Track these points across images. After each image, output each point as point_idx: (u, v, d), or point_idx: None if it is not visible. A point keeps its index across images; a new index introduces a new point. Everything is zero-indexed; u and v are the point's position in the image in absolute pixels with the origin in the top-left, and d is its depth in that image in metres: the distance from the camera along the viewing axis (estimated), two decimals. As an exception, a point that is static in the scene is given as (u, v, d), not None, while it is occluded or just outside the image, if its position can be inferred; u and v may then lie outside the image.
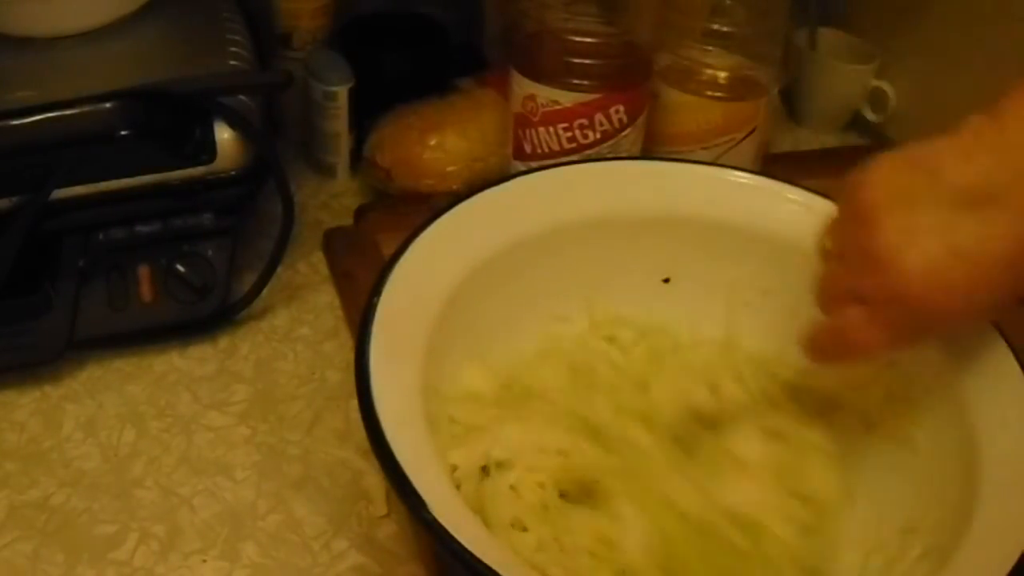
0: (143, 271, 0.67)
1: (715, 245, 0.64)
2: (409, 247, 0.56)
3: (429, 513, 0.43)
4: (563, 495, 0.55)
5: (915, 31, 0.94)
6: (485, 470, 0.54)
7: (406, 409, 0.49)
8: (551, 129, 0.74)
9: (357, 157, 0.85)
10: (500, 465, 0.55)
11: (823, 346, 0.53)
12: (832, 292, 0.51)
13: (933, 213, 0.46)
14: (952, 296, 0.46)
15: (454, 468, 0.54)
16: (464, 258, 0.58)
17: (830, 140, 0.97)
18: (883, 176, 0.48)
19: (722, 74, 0.79)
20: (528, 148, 0.75)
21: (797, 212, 0.62)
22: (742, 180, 0.65)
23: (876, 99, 0.95)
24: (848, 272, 0.50)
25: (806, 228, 0.56)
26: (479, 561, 0.42)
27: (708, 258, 0.64)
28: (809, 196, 0.63)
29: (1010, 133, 0.46)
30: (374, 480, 0.62)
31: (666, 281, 0.65)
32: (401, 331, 0.52)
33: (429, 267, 0.56)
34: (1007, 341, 0.54)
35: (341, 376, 0.69)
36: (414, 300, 0.55)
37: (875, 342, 0.49)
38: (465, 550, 0.42)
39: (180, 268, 0.68)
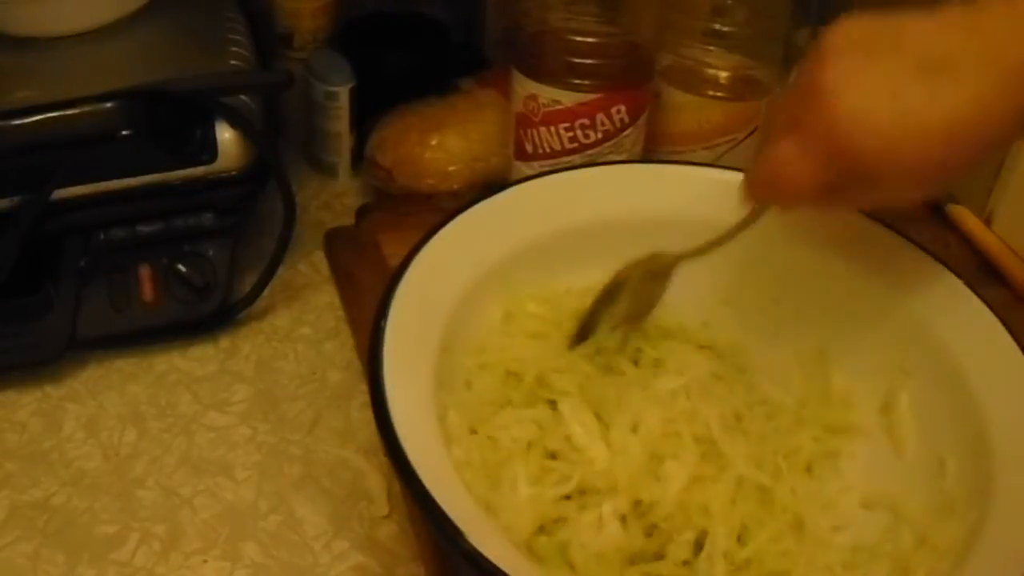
0: (144, 271, 0.67)
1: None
2: (409, 265, 0.56)
3: (468, 542, 0.44)
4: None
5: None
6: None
7: (426, 433, 0.49)
8: (552, 129, 0.73)
9: (358, 157, 0.85)
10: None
11: (755, 179, 0.53)
12: (774, 125, 0.52)
13: (886, 67, 0.46)
14: (880, 142, 0.46)
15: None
16: (467, 270, 0.59)
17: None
18: (849, 25, 0.48)
19: (723, 74, 0.79)
20: (529, 148, 0.75)
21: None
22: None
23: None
24: (791, 103, 0.50)
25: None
26: None
27: (706, 258, 0.64)
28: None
29: (987, 17, 0.46)
30: (375, 480, 0.62)
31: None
32: (411, 352, 0.53)
33: (431, 283, 0.56)
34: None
35: (342, 376, 0.69)
36: (420, 319, 0.55)
37: (801, 176, 0.49)
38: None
39: (181, 268, 0.68)
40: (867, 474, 0.59)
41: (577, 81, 0.72)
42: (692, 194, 0.64)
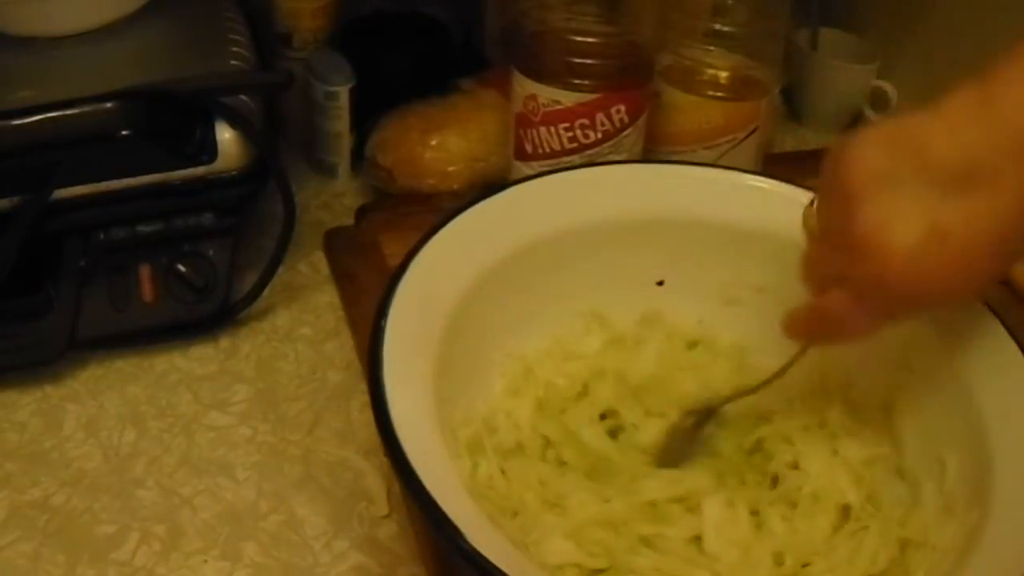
0: (144, 271, 0.67)
1: (711, 245, 0.64)
2: (409, 265, 0.56)
3: (467, 542, 0.43)
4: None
5: (916, 31, 0.94)
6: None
7: (427, 436, 0.49)
8: (552, 129, 0.73)
9: (358, 157, 0.85)
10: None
11: (808, 328, 0.53)
12: (816, 273, 0.51)
13: (916, 194, 0.45)
14: (936, 280, 0.46)
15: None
16: (464, 273, 0.58)
17: (832, 140, 0.96)
18: (865, 153, 0.46)
19: (723, 74, 0.79)
20: (529, 148, 0.75)
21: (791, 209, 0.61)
22: (743, 181, 0.65)
23: (877, 99, 0.95)
24: (831, 253, 0.49)
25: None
26: None
27: (704, 258, 0.64)
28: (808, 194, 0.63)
29: (997, 105, 0.44)
30: (375, 480, 0.62)
31: (660, 283, 0.65)
32: (410, 352, 0.52)
33: (431, 285, 0.56)
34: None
35: (342, 376, 0.69)
36: (420, 319, 0.54)
37: (858, 326, 0.49)
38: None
39: (181, 268, 0.68)
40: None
41: (577, 81, 0.72)
42: (691, 194, 0.64)
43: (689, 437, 0.60)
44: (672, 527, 0.55)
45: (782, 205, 0.62)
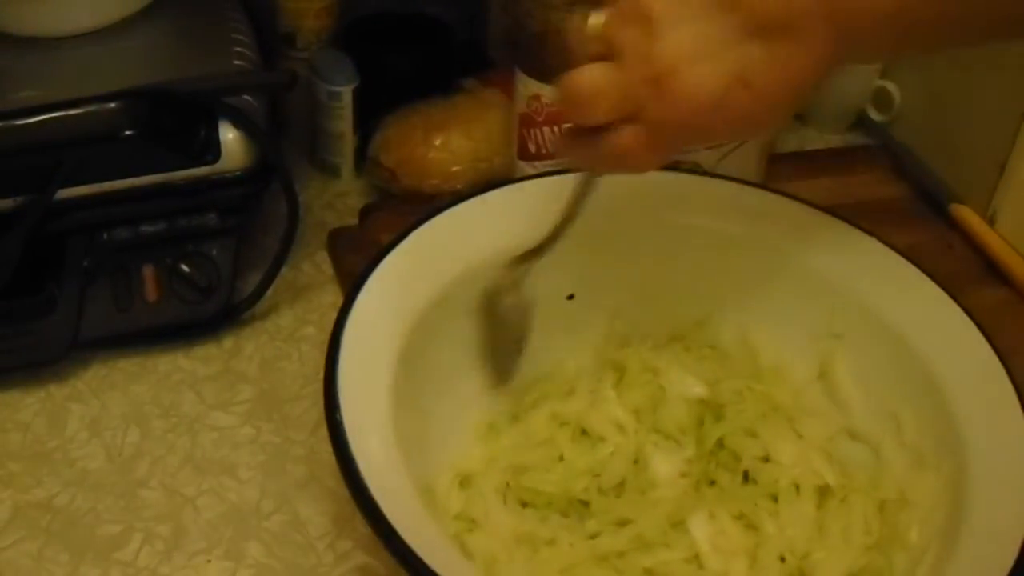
0: (147, 271, 0.67)
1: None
2: (363, 286, 0.56)
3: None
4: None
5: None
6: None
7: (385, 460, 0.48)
8: (556, 129, 0.73)
9: (362, 157, 0.85)
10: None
11: (589, 158, 0.51)
12: (607, 99, 0.47)
13: (723, 34, 0.45)
14: (735, 121, 0.46)
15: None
16: (433, 282, 0.58)
17: (835, 140, 0.96)
18: None
19: (727, 74, 0.79)
20: (533, 148, 0.75)
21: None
22: (719, 189, 0.66)
23: (881, 99, 0.95)
24: (623, 79, 0.46)
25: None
26: None
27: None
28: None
29: None
30: (379, 480, 0.62)
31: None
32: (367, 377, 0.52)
33: (391, 298, 0.56)
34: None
35: (345, 376, 0.69)
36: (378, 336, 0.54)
37: (648, 163, 0.48)
38: None
39: (185, 268, 0.68)
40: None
41: (580, 81, 0.72)
42: (665, 198, 0.64)
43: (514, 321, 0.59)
44: (670, 551, 0.55)
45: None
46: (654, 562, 0.54)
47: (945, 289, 0.58)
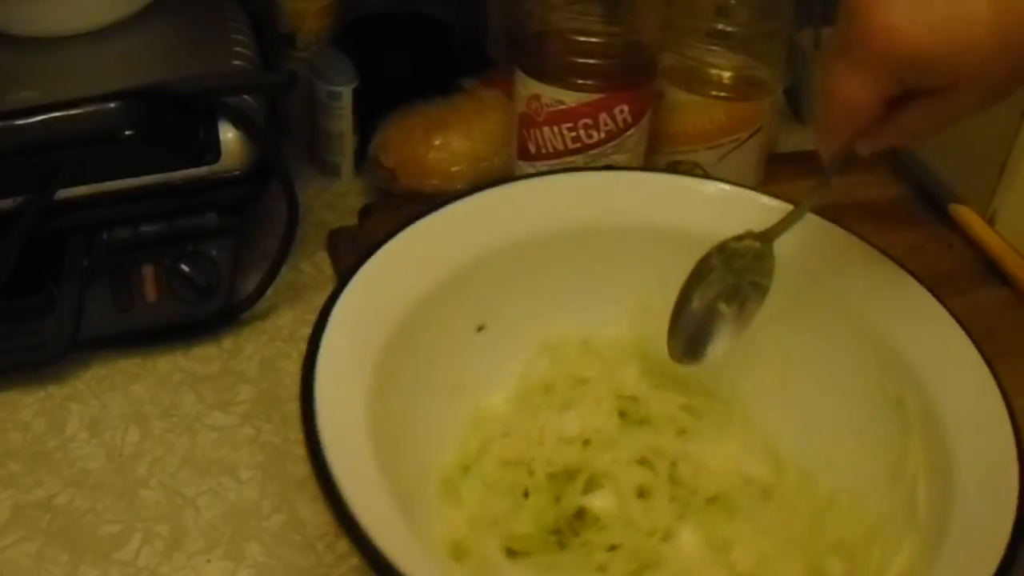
0: (147, 271, 0.67)
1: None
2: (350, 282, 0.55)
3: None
4: None
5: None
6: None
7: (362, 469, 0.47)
8: (556, 129, 0.73)
9: (361, 157, 0.85)
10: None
11: (820, 119, 0.53)
12: (827, 57, 0.51)
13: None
14: (922, 26, 0.46)
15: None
16: (417, 283, 0.58)
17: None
18: None
19: (726, 74, 0.79)
20: (532, 148, 0.75)
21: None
22: (708, 190, 0.65)
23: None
24: (837, 33, 0.50)
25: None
26: None
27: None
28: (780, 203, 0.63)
29: None
30: (378, 480, 0.62)
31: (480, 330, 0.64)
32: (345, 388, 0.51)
33: (376, 298, 0.55)
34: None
35: (345, 376, 0.69)
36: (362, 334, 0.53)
37: (855, 92, 0.49)
38: None
39: (184, 268, 0.67)
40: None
41: (580, 81, 0.72)
42: (650, 201, 0.64)
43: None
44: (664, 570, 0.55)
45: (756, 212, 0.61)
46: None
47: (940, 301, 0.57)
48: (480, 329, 0.62)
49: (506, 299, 0.61)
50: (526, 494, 0.58)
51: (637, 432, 0.61)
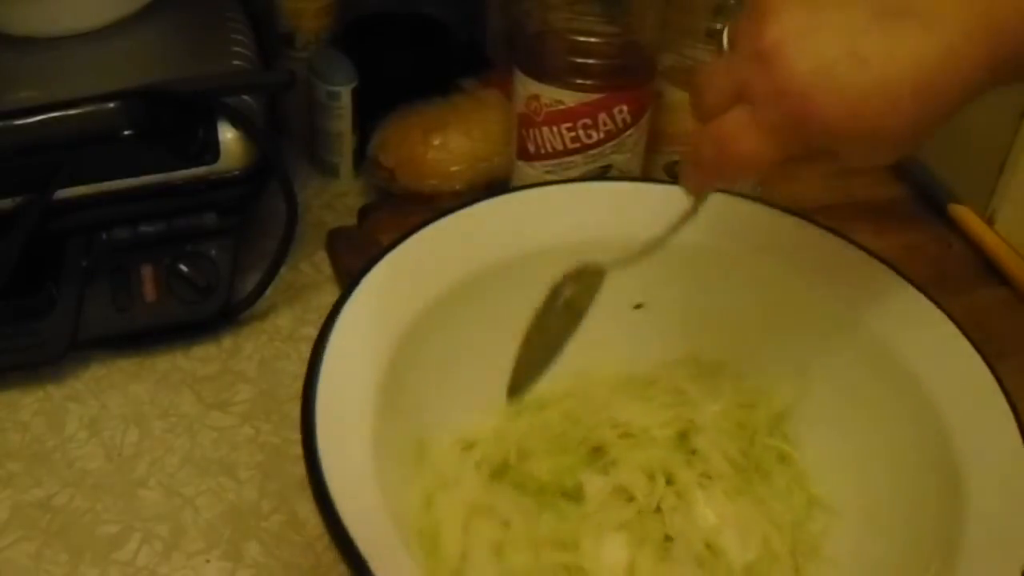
0: (147, 271, 0.67)
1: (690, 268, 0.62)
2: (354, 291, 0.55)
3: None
4: None
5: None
6: None
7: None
8: (555, 129, 0.73)
9: (361, 157, 0.85)
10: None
11: (699, 161, 0.47)
12: (714, 86, 0.45)
13: (837, 17, 0.42)
14: (841, 103, 0.41)
15: None
16: (418, 297, 0.57)
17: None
18: None
19: (726, 74, 0.79)
20: (532, 148, 0.75)
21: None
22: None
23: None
24: (733, 65, 0.44)
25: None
26: None
27: (681, 281, 0.62)
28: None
29: None
30: (377, 480, 0.62)
31: (638, 307, 0.64)
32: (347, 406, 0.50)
33: (378, 310, 0.55)
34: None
35: (344, 376, 0.69)
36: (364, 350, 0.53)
37: (754, 150, 0.44)
38: None
39: (184, 268, 0.67)
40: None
41: (579, 81, 0.72)
42: (643, 211, 0.63)
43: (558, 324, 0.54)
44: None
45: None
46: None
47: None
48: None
49: (518, 307, 0.61)
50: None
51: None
